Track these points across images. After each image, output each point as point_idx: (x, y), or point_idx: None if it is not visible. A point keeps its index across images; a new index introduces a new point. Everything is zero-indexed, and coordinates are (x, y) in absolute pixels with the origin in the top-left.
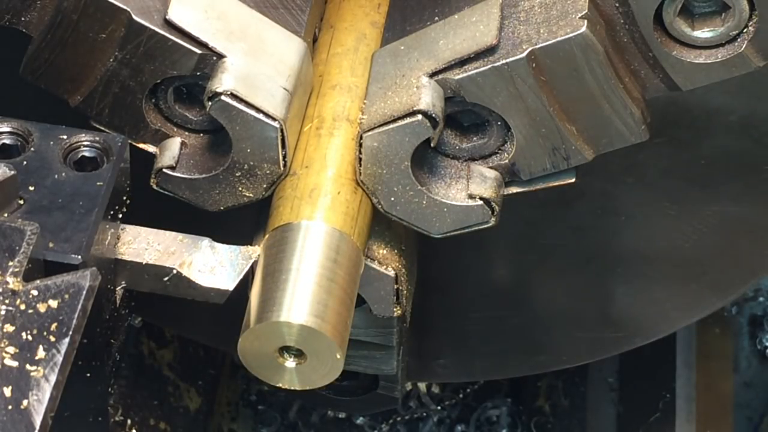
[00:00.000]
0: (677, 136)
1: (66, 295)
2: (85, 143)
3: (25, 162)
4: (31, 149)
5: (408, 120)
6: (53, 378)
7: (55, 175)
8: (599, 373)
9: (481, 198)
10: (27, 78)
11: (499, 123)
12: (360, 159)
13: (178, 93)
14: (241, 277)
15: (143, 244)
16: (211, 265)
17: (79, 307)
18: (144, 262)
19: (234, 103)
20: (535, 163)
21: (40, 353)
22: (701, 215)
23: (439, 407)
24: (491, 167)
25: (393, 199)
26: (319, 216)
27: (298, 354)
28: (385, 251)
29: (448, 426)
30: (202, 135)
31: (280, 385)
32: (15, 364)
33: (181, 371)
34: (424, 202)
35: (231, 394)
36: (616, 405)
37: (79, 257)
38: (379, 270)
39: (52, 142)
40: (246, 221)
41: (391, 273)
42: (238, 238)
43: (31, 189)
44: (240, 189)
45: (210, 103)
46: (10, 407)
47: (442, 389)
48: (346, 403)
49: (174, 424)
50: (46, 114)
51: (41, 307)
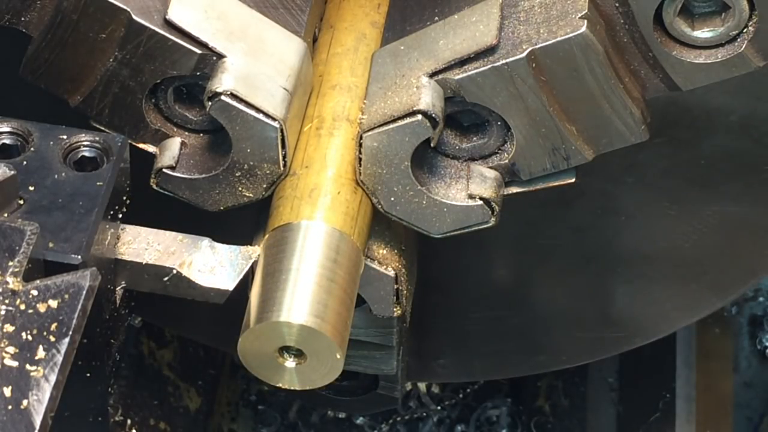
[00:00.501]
0: (677, 136)
1: (66, 295)
2: (85, 143)
3: (25, 162)
4: (31, 149)
5: (408, 120)
6: (53, 378)
7: (55, 175)
8: (599, 373)
9: (481, 198)
10: (27, 78)
11: (499, 123)
12: (360, 159)
13: (178, 93)
14: (241, 277)
15: (143, 244)
16: (211, 265)
17: (79, 307)
18: (144, 262)
19: (234, 103)
20: (535, 163)
21: (40, 353)
22: (701, 215)
23: (439, 407)
24: (491, 167)
25: (393, 199)
26: (319, 216)
27: (298, 354)
28: (385, 251)
29: (448, 426)
30: (202, 135)
31: (280, 385)
32: (15, 364)
33: (181, 371)
34: (424, 202)
35: (231, 394)
36: (616, 405)
37: (79, 257)
38: (379, 270)
39: (52, 142)
40: (246, 221)
41: (391, 273)
42: (238, 238)
43: (31, 189)
44: (240, 189)
45: (210, 103)
46: (10, 407)
47: (442, 389)
48: (346, 403)
49: (174, 424)
50: (46, 114)
51: (41, 307)
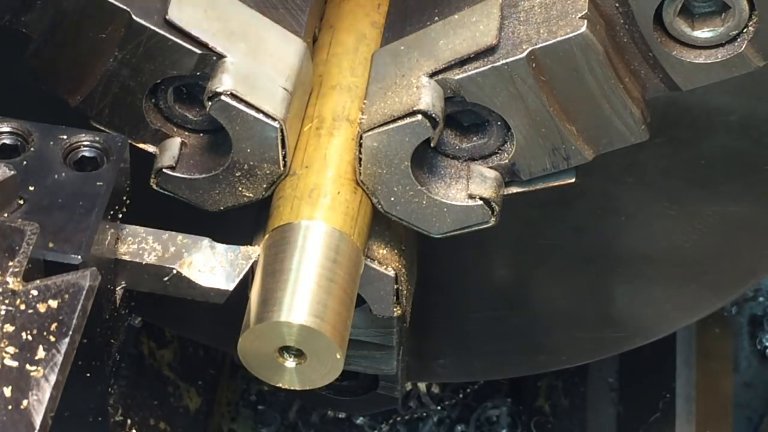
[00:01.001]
0: (677, 136)
1: (66, 295)
2: (85, 143)
3: (25, 162)
4: (31, 149)
5: (408, 120)
6: (53, 378)
7: (55, 175)
8: (599, 373)
9: (481, 198)
10: (27, 78)
11: (499, 123)
12: (360, 159)
13: (178, 93)
14: (241, 277)
15: (143, 244)
16: (211, 265)
17: (79, 307)
18: (144, 262)
19: (234, 103)
20: (535, 163)
21: (40, 353)
22: (701, 215)
23: (439, 407)
24: (491, 167)
25: (393, 199)
26: (319, 216)
27: (298, 354)
28: (385, 251)
29: (448, 426)
30: (202, 135)
31: (280, 385)
32: (15, 364)
33: (181, 371)
34: (424, 202)
35: (231, 394)
36: (616, 405)
37: (79, 257)
38: (379, 270)
39: (52, 142)
40: (246, 221)
41: (391, 273)
42: (238, 238)
43: (31, 189)
44: (240, 189)
45: (210, 103)
46: (10, 407)
47: (442, 389)
48: (346, 403)
49: (174, 424)
50: (47, 114)
51: (41, 307)
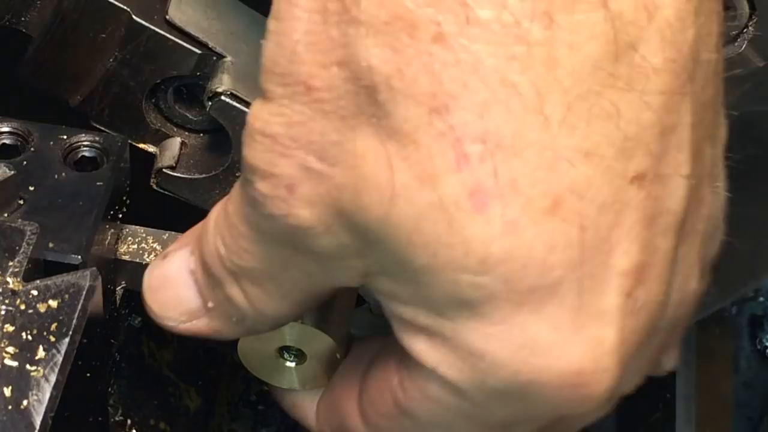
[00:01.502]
0: None
1: (66, 295)
2: (85, 143)
3: (25, 162)
4: (31, 149)
5: None
6: (53, 378)
7: (55, 175)
8: None
9: None
10: (27, 78)
11: None
12: None
13: (178, 93)
14: None
15: (143, 244)
16: None
17: (79, 307)
18: (144, 263)
19: (234, 103)
20: None
21: (40, 353)
22: None
23: None
24: None
25: None
26: None
27: (298, 354)
28: None
29: None
30: (202, 135)
31: (280, 385)
32: (15, 364)
33: (181, 371)
34: None
35: (231, 394)
36: (616, 405)
37: (79, 257)
38: None
39: (52, 142)
40: None
41: None
42: None
43: (31, 189)
44: None
45: (210, 103)
46: (10, 407)
47: None
48: None
49: (174, 424)
50: (47, 114)
51: (41, 307)
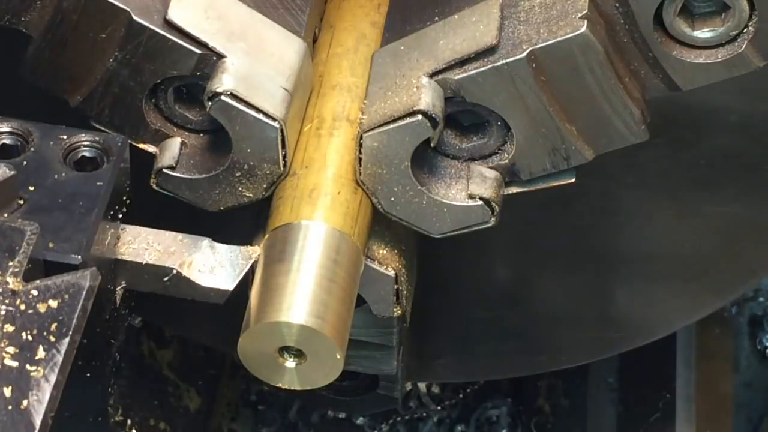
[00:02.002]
0: (677, 136)
1: (66, 295)
2: (85, 143)
3: (25, 162)
4: (31, 149)
5: (408, 120)
6: (53, 378)
7: (55, 175)
8: (599, 373)
9: (481, 198)
10: (27, 78)
11: (499, 123)
12: (360, 159)
13: (178, 93)
14: (241, 277)
15: (143, 244)
16: (211, 265)
17: (79, 307)
18: (144, 262)
19: (234, 103)
20: (535, 163)
21: (40, 353)
22: (701, 215)
23: (439, 407)
24: (491, 167)
25: (393, 199)
26: (319, 216)
27: (298, 354)
28: (385, 251)
29: (448, 426)
30: (202, 135)
31: (280, 385)
32: (15, 364)
33: (181, 371)
34: (424, 202)
35: (231, 394)
36: (616, 405)
37: (79, 257)
38: (379, 270)
39: (52, 142)
40: (246, 221)
41: (391, 273)
42: (238, 238)
43: (31, 189)
44: (240, 189)
45: (210, 103)
46: (10, 407)
47: (442, 389)
48: (346, 403)
49: (174, 424)
50: (46, 114)
51: (41, 307)
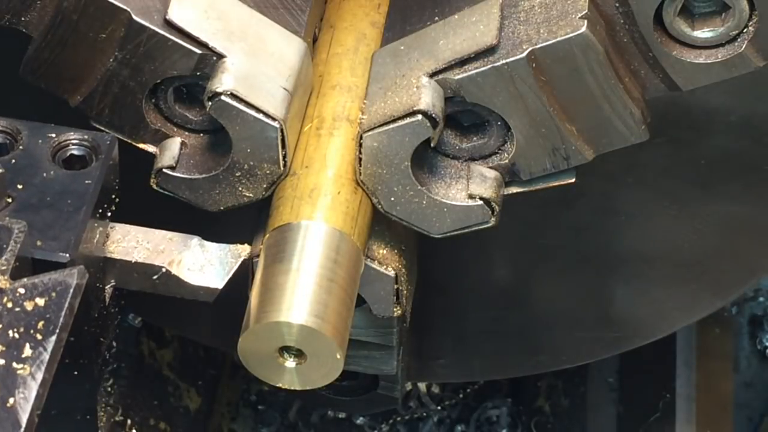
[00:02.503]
0: (677, 136)
1: (53, 293)
2: (74, 141)
3: (13, 160)
4: (20, 147)
5: (408, 120)
6: (40, 376)
7: (44, 174)
8: (599, 373)
9: (481, 198)
10: (27, 78)
11: (499, 123)
12: (360, 159)
13: (178, 93)
14: (230, 275)
15: (132, 243)
16: (201, 263)
17: (66, 305)
18: (133, 261)
19: (234, 103)
20: (535, 163)
21: (27, 351)
22: (701, 215)
23: (439, 407)
24: (491, 167)
25: (393, 199)
26: (319, 216)
27: (298, 354)
28: (385, 251)
29: (448, 426)
30: (202, 135)
31: (280, 385)
32: (1, 362)
33: (181, 371)
34: (424, 202)
35: (231, 394)
36: (616, 405)
37: (67, 255)
38: (379, 270)
39: (40, 141)
40: (246, 221)
41: (391, 273)
42: (238, 238)
43: (19, 187)
44: (240, 189)
45: (210, 103)
46: None
47: (442, 389)
48: (346, 403)
49: (174, 424)
50: (46, 114)
51: (28, 305)
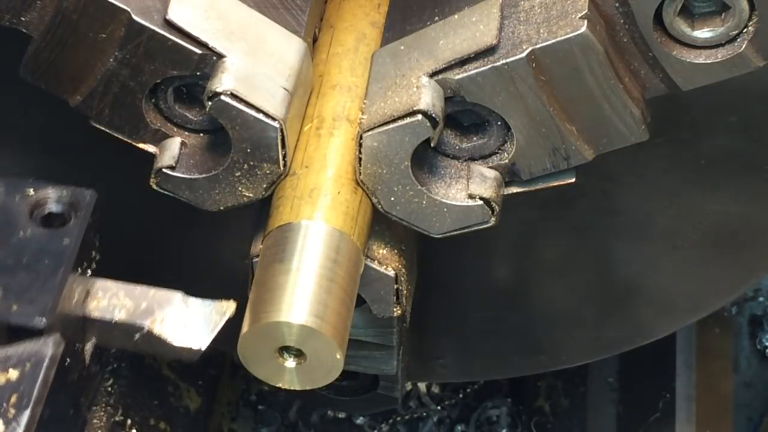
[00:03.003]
0: (677, 136)
1: (27, 365)
2: (52, 198)
3: None
4: None
5: (408, 120)
6: None
7: (21, 232)
8: (599, 373)
9: (481, 198)
10: (27, 78)
11: (499, 123)
12: (360, 159)
13: (178, 93)
14: (215, 333)
15: (113, 300)
16: (184, 321)
17: (40, 377)
18: (114, 320)
19: (234, 103)
20: (535, 163)
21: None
22: (701, 215)
23: (439, 407)
24: (491, 167)
25: (393, 199)
26: (319, 216)
27: (298, 354)
28: (385, 251)
29: (448, 426)
30: (202, 135)
31: (280, 385)
32: None
33: (181, 371)
34: (424, 202)
35: (231, 394)
36: (616, 405)
37: (44, 320)
38: (379, 270)
39: (18, 197)
40: (245, 221)
41: (391, 273)
42: (238, 238)
43: None
44: (240, 189)
45: (210, 103)
46: None
47: (442, 389)
48: (346, 403)
49: (174, 424)
50: (46, 114)
51: (1, 378)
